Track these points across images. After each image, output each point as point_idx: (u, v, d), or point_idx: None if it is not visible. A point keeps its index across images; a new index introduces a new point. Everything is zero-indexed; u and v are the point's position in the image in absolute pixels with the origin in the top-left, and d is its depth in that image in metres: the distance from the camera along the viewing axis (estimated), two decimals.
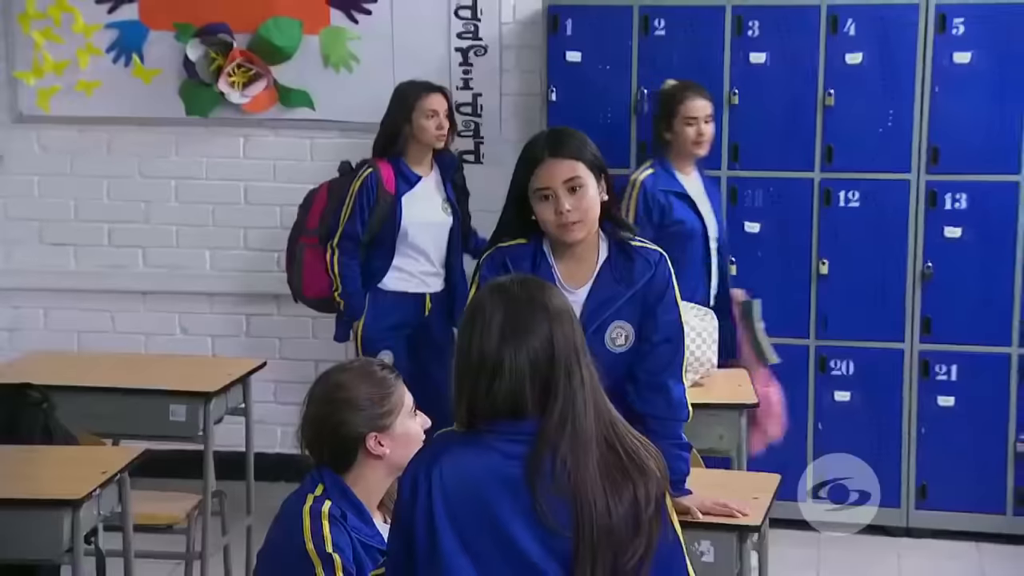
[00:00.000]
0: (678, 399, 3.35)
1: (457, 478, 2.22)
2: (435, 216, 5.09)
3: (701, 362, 4.33)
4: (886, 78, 5.24)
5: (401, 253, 5.07)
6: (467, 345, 2.28)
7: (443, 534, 2.20)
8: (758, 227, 5.40)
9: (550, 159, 3.19)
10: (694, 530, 3.26)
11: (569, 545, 2.18)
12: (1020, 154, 5.16)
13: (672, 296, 3.34)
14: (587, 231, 3.22)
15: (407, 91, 5.05)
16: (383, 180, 4.99)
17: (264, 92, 5.80)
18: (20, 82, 5.92)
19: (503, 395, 2.23)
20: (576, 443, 2.21)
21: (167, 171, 6.01)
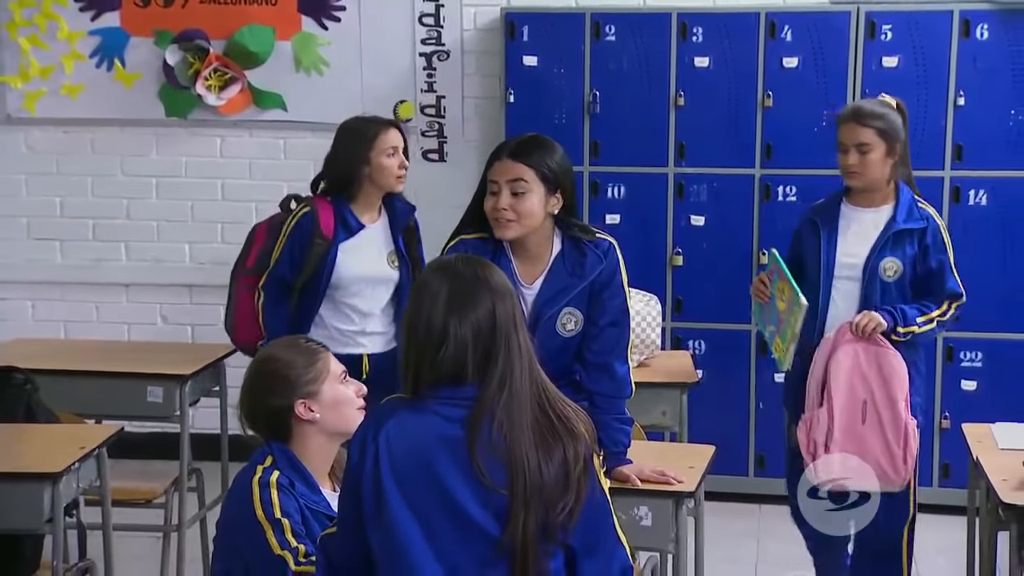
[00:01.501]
0: (622, 377, 3.40)
1: (402, 440, 2.25)
2: (377, 270, 4.11)
3: (646, 344, 4.38)
4: (820, 81, 5.29)
5: (332, 308, 4.10)
6: (415, 317, 2.31)
7: (389, 493, 2.23)
8: (703, 220, 5.44)
9: (507, 159, 3.24)
10: (634, 496, 3.31)
11: (505, 501, 2.21)
12: (945, 150, 5.23)
13: (619, 282, 3.38)
14: (518, 233, 3.26)
15: (363, 127, 4.12)
16: (320, 223, 4.04)
17: (239, 95, 5.79)
18: (7, 86, 5.88)
19: (447, 363, 2.26)
20: (512, 407, 2.25)
21: (148, 169, 5.98)
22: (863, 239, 3.96)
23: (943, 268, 3.96)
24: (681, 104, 5.36)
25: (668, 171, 5.43)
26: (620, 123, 5.41)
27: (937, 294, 3.95)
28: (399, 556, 2.23)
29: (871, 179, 3.95)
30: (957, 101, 5.20)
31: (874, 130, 3.91)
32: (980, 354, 5.29)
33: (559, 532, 2.26)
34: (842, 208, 4.04)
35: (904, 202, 3.97)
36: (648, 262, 5.41)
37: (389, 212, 4.18)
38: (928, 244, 3.94)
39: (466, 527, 2.23)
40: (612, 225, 5.36)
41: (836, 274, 3.97)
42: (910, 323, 3.90)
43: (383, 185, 4.11)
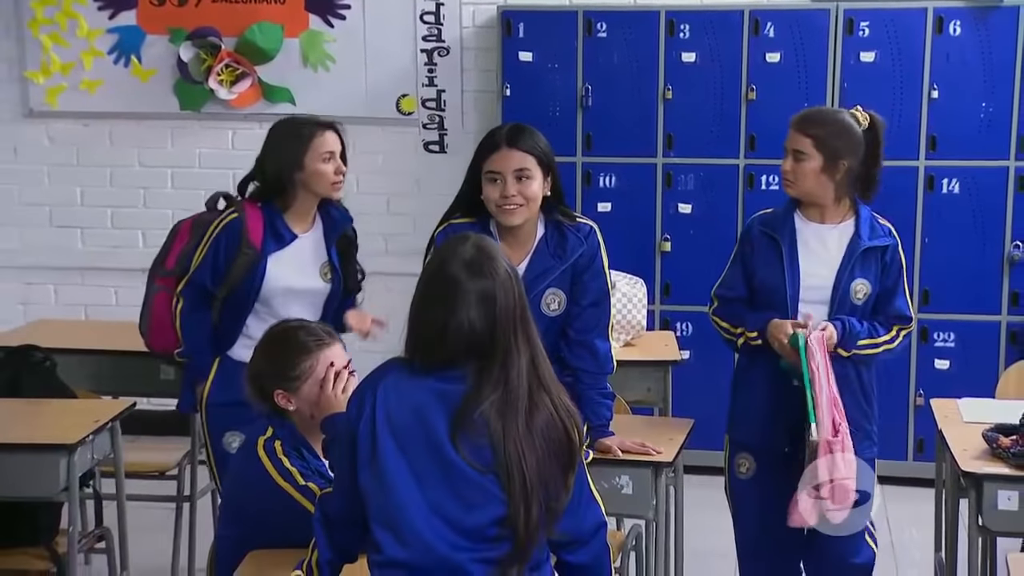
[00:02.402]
0: (604, 355, 3.43)
1: (398, 391, 2.30)
2: (308, 282, 3.66)
3: (632, 325, 4.40)
4: (802, 75, 5.31)
5: (256, 319, 3.61)
6: (419, 306, 2.33)
7: (382, 435, 2.27)
8: (690, 208, 5.47)
9: (506, 148, 3.25)
10: (615, 466, 3.37)
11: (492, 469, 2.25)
12: (920, 141, 5.26)
13: (600, 264, 3.41)
14: (525, 217, 3.28)
15: (297, 129, 3.65)
16: (249, 231, 3.56)
17: (250, 89, 5.81)
18: (30, 81, 5.93)
19: (447, 350, 2.28)
20: (508, 401, 2.26)
21: (163, 161, 6.00)
22: (826, 258, 3.47)
23: (896, 289, 3.51)
24: (669, 97, 5.39)
25: (657, 161, 5.46)
26: (611, 116, 5.44)
27: (886, 315, 3.49)
28: (389, 495, 2.27)
29: (803, 190, 3.45)
30: (931, 94, 5.22)
31: (812, 139, 3.41)
32: (952, 335, 5.32)
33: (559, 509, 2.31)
34: (796, 222, 3.51)
35: (865, 218, 3.50)
36: (637, 248, 5.44)
37: (324, 220, 3.70)
38: (887, 262, 3.49)
39: (453, 473, 2.26)
40: (604, 213, 5.39)
41: (802, 297, 3.46)
42: (849, 345, 3.42)
43: (318, 192, 3.63)
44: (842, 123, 3.45)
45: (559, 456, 2.29)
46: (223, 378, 3.59)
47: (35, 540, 3.66)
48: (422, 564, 2.27)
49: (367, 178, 5.88)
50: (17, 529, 3.64)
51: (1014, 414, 3.35)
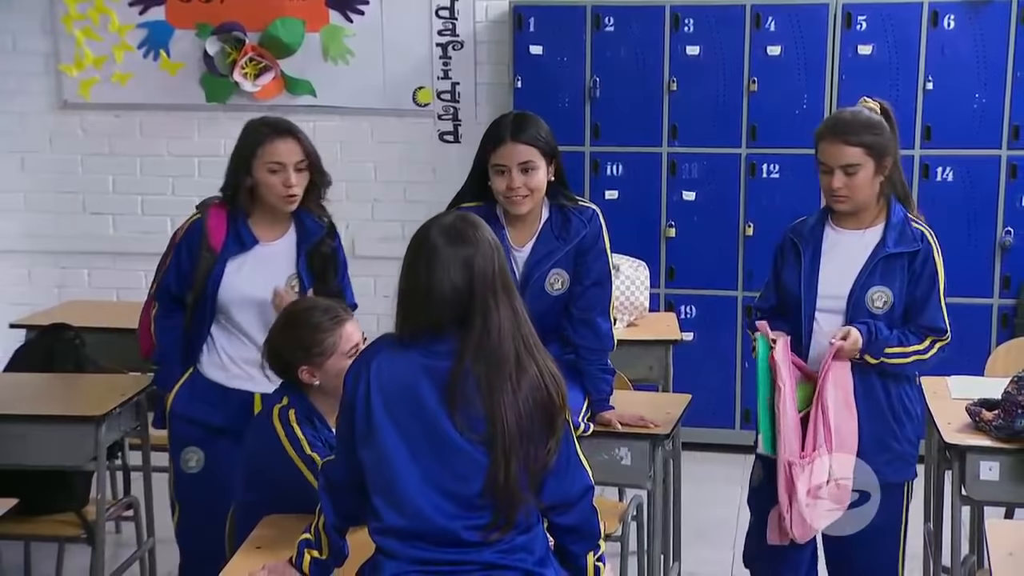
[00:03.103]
0: (605, 332, 3.45)
1: (390, 368, 2.32)
2: (266, 291, 3.32)
3: (635, 306, 4.44)
4: (802, 67, 5.32)
5: (223, 330, 3.38)
6: (405, 267, 2.34)
7: (376, 411, 2.30)
8: (694, 195, 5.49)
9: (511, 142, 3.25)
10: (615, 438, 3.39)
11: (481, 430, 2.27)
12: (915, 131, 5.26)
13: (602, 245, 3.42)
14: (531, 205, 3.29)
15: (253, 133, 3.32)
16: (209, 233, 3.31)
17: (273, 82, 5.86)
18: (64, 74, 5.99)
19: (431, 314, 2.30)
20: (491, 361, 2.28)
21: (190, 150, 6.05)
22: (849, 266, 3.21)
23: (929, 299, 3.21)
24: (674, 89, 5.41)
25: (662, 150, 5.48)
26: (618, 107, 5.46)
27: (918, 326, 3.21)
28: (385, 467, 2.32)
29: (860, 201, 3.19)
30: (926, 86, 5.23)
31: (862, 148, 3.15)
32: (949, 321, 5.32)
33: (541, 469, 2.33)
34: (826, 230, 3.28)
35: (895, 222, 3.21)
36: (643, 234, 5.47)
37: (298, 230, 3.39)
38: (917, 269, 3.19)
39: (444, 444, 2.29)
40: (611, 200, 5.43)
41: (818, 306, 3.23)
42: (876, 351, 3.15)
43: (268, 203, 3.31)
44: (876, 121, 3.22)
45: (542, 418, 2.31)
46: (190, 391, 3.37)
47: (67, 508, 3.70)
48: (418, 531, 2.31)
49: (385, 167, 5.94)
50: (51, 497, 3.68)
51: (999, 390, 3.36)
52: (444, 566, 2.32)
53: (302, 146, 3.29)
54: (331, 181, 3.42)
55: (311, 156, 3.31)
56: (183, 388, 3.38)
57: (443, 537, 2.31)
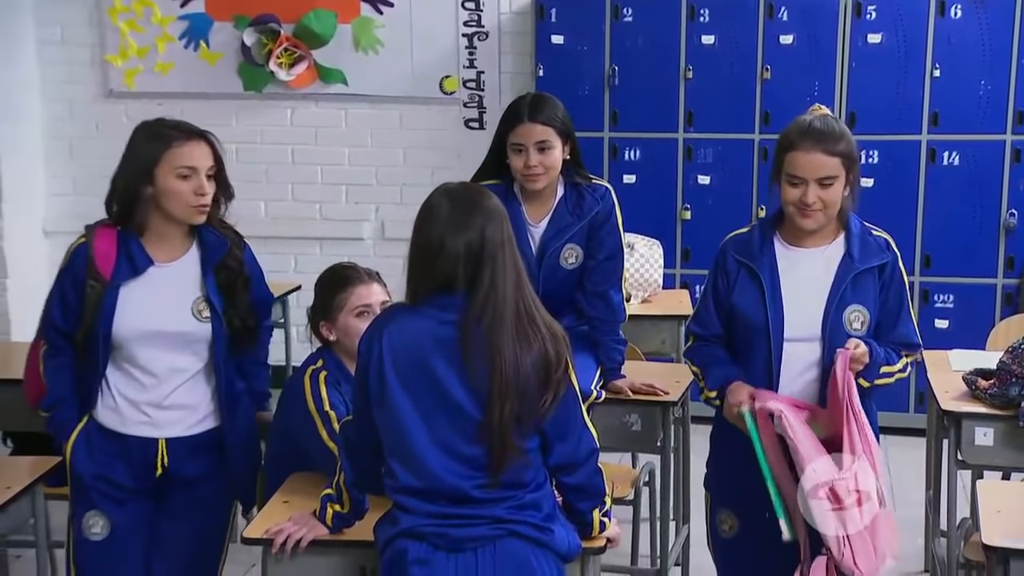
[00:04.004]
0: (617, 305, 3.48)
1: (401, 337, 2.36)
2: (171, 323, 2.79)
3: (649, 283, 4.46)
4: (813, 56, 5.30)
5: (121, 371, 2.81)
6: (416, 232, 2.37)
7: (389, 378, 2.34)
8: (708, 179, 5.49)
9: (528, 122, 3.27)
10: (626, 405, 3.43)
11: (486, 391, 2.31)
12: (922, 116, 5.25)
13: (614, 221, 3.45)
14: (546, 182, 3.32)
15: (154, 134, 2.78)
16: (96, 257, 2.75)
17: (306, 71, 5.87)
18: (110, 64, 6.03)
19: (441, 272, 2.33)
20: (496, 314, 2.31)
21: (228, 137, 5.82)
22: (814, 288, 2.76)
23: (901, 311, 2.81)
24: (690, 77, 5.41)
25: (678, 136, 5.48)
26: (636, 94, 5.46)
27: (892, 342, 2.79)
28: (398, 430, 2.36)
29: (830, 216, 2.75)
30: (933, 73, 5.20)
31: (840, 158, 2.70)
32: (951, 296, 5.32)
33: (535, 420, 2.36)
34: (777, 247, 2.80)
35: (856, 233, 2.79)
36: (660, 216, 5.48)
37: (201, 247, 2.84)
38: (886, 281, 2.79)
39: (453, 409, 2.33)
40: (629, 184, 5.44)
41: (787, 335, 2.75)
42: (872, 374, 2.74)
43: (173, 215, 2.77)
44: (844, 128, 2.80)
45: (540, 373, 2.33)
46: (86, 443, 2.82)
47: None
48: (431, 490, 2.35)
49: (413, 152, 5.97)
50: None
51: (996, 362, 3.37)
52: (456, 520, 2.36)
53: (214, 151, 2.80)
54: (234, 195, 2.90)
55: (221, 164, 2.83)
56: (80, 438, 2.82)
57: (454, 495, 2.36)
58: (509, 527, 2.36)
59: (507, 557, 2.35)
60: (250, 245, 4.96)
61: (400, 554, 2.37)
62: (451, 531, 2.35)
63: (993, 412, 3.20)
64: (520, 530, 2.36)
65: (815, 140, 2.71)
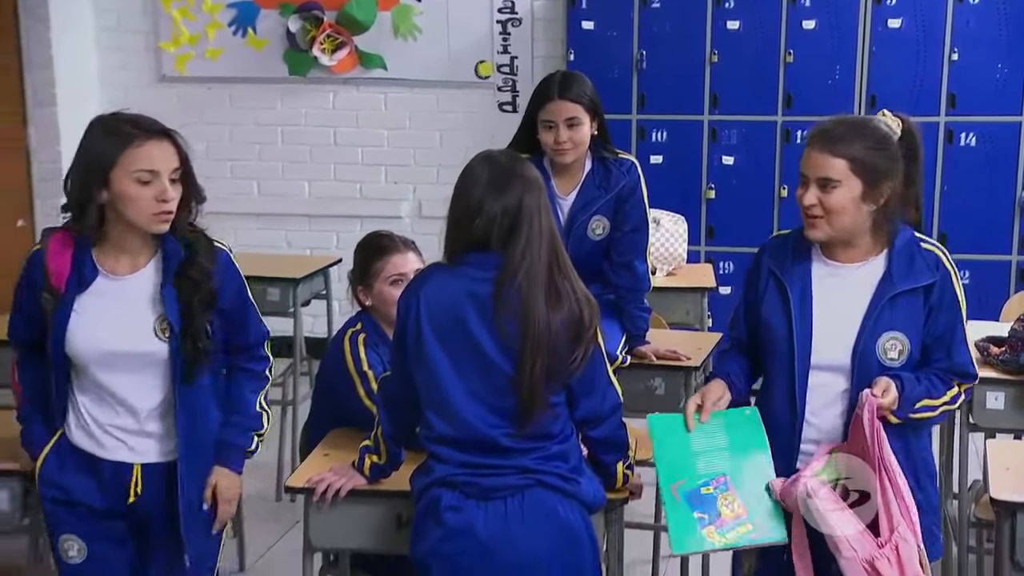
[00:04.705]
0: (642, 274, 3.49)
1: (437, 294, 2.38)
2: (131, 342, 2.41)
3: (674, 256, 4.45)
4: (834, 40, 5.27)
5: (85, 392, 2.47)
6: (456, 195, 2.40)
7: (426, 333, 2.37)
8: (732, 160, 5.48)
9: (558, 99, 3.29)
10: (650, 370, 3.43)
11: (517, 347, 2.33)
12: (940, 99, 5.21)
13: (639, 195, 3.45)
14: (575, 157, 3.33)
15: (113, 131, 2.37)
16: (49, 267, 2.40)
17: (348, 56, 5.88)
18: (163, 51, 6.08)
19: (478, 232, 2.35)
20: (529, 274, 2.34)
21: (274, 119, 6.11)
22: (848, 311, 2.40)
23: (953, 335, 2.42)
24: (715, 61, 5.39)
25: (703, 118, 5.47)
26: (663, 78, 5.46)
27: (943, 370, 2.41)
28: (433, 383, 2.39)
29: (839, 228, 2.38)
30: (952, 57, 5.17)
31: (847, 162, 2.34)
32: (967, 272, 5.24)
33: (564, 376, 2.38)
34: (813, 263, 2.45)
35: (901, 247, 2.40)
36: (685, 195, 5.47)
37: (163, 257, 2.45)
38: (935, 302, 2.39)
39: (486, 364, 2.36)
40: (656, 165, 5.42)
41: (814, 363, 2.40)
42: (905, 411, 2.36)
43: (133, 222, 2.37)
44: (882, 134, 2.40)
45: (570, 331, 2.35)
46: (57, 460, 2.51)
47: None
48: (464, 439, 2.38)
49: (449, 135, 5.99)
50: None
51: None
52: (486, 469, 2.39)
53: (178, 151, 2.41)
54: (206, 197, 2.52)
55: (187, 164, 2.43)
56: (50, 457, 2.52)
57: (485, 444, 2.38)
58: (537, 477, 2.39)
59: (535, 505, 2.38)
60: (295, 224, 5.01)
61: (434, 501, 2.40)
62: (481, 480, 2.38)
63: (1004, 377, 3.20)
64: (547, 480, 2.39)
65: (826, 135, 2.39)
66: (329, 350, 2.99)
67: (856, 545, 2.25)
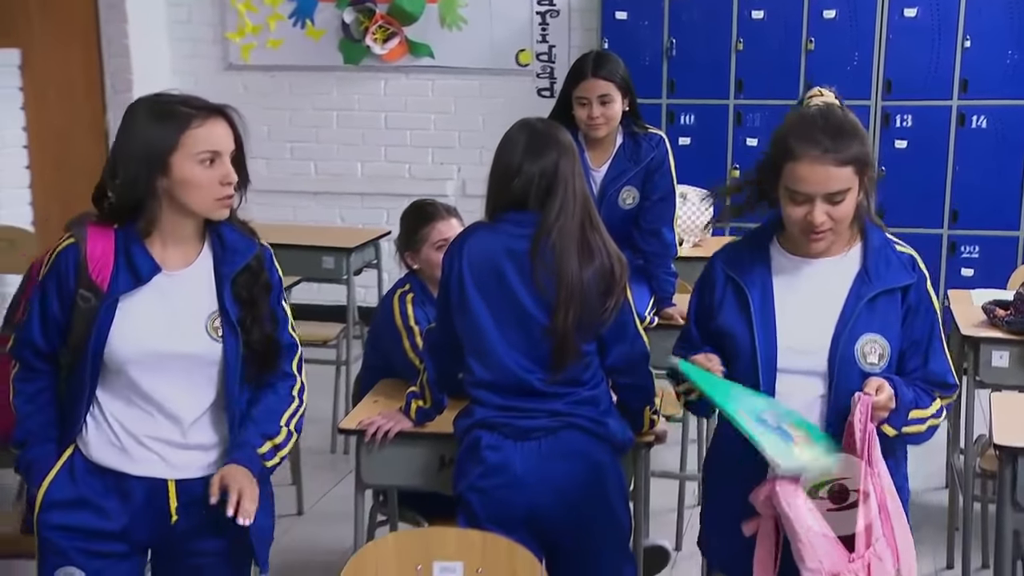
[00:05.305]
0: (669, 241, 3.51)
1: (478, 250, 2.41)
2: (184, 343, 2.06)
3: (699, 228, 4.44)
4: (853, 28, 5.22)
5: (117, 397, 2.07)
6: (497, 159, 2.43)
7: (468, 286, 2.40)
8: (756, 141, 5.42)
9: (592, 77, 3.30)
10: (676, 329, 3.32)
11: (552, 299, 2.36)
12: (953, 84, 5.15)
13: (667, 166, 3.47)
14: (607, 131, 3.35)
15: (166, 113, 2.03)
16: (90, 263, 2.03)
17: (398, 46, 5.89)
18: (229, 41, 6.12)
19: (516, 191, 2.38)
20: (563, 232, 2.36)
21: (330, 105, 6.14)
22: (819, 309, 2.08)
23: (931, 342, 2.11)
24: (740, 49, 5.36)
25: (729, 103, 5.44)
26: (692, 65, 5.43)
27: (920, 380, 2.10)
28: (475, 332, 2.42)
29: (841, 231, 2.08)
30: (964, 44, 5.10)
31: (852, 167, 2.03)
32: (977, 247, 5.24)
33: (596, 326, 2.40)
34: (774, 256, 2.13)
35: (876, 247, 2.11)
36: (712, 175, 5.23)
37: (215, 250, 2.11)
38: (912, 305, 2.09)
39: (522, 314, 2.38)
40: (684, 146, 5.38)
41: (781, 366, 2.07)
42: (900, 420, 2.06)
43: (193, 210, 2.05)
44: (854, 122, 2.10)
45: (601, 284, 2.37)
46: (70, 482, 2.07)
47: None
48: (502, 383, 2.41)
49: (491, 118, 5.98)
50: None
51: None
52: (521, 412, 2.41)
53: (234, 130, 2.07)
54: (251, 182, 2.14)
55: (241, 145, 2.08)
56: (60, 477, 2.07)
57: (521, 388, 2.41)
58: (568, 419, 2.41)
59: (566, 445, 2.40)
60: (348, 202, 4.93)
61: (475, 441, 2.43)
62: (517, 422, 2.40)
63: (1009, 337, 3.19)
64: (578, 422, 2.41)
65: (822, 149, 2.00)
66: (380, 307, 3.04)
67: (823, 555, 1.94)
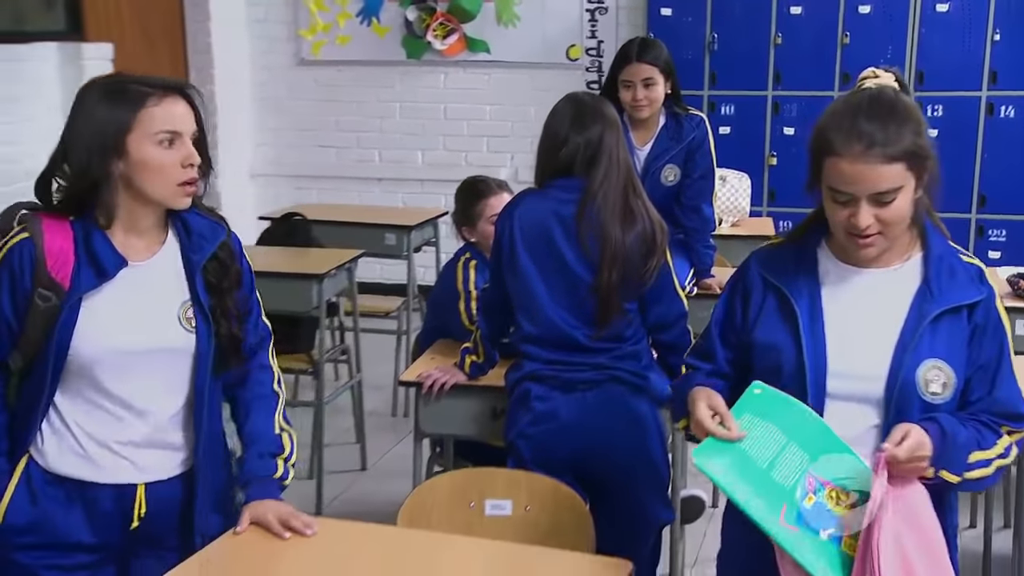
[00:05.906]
0: (708, 216, 3.49)
1: (528, 214, 2.43)
2: (156, 337, 1.79)
3: (738, 209, 4.41)
4: (887, 23, 5.14)
5: (78, 400, 1.78)
6: (546, 131, 2.44)
7: (518, 248, 2.42)
8: (793, 131, 5.38)
9: (636, 62, 3.30)
10: (714, 299, 3.35)
11: (596, 259, 2.37)
12: (983, 75, 5.05)
13: (707, 146, 3.44)
14: (650, 113, 3.34)
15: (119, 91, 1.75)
16: (48, 259, 1.73)
17: (457, 41, 5.91)
18: (302, 38, 6.17)
19: (564, 159, 2.40)
20: (607, 197, 2.38)
21: (394, 97, 6.18)
22: (875, 327, 1.67)
23: (1000, 367, 1.68)
24: (779, 43, 5.31)
25: (767, 94, 5.39)
26: (732, 58, 5.38)
27: (985, 411, 1.67)
28: (524, 290, 2.44)
29: (895, 236, 1.66)
30: (994, 37, 5.00)
31: (904, 163, 1.61)
32: (1004, 231, 5.14)
33: (637, 285, 2.41)
34: (822, 262, 1.73)
35: (938, 257, 1.69)
36: (750, 162, 5.35)
37: (181, 237, 1.85)
38: (980, 324, 1.67)
39: (569, 274, 2.40)
40: (724, 135, 5.35)
41: (831, 391, 1.66)
42: (956, 464, 1.61)
43: (152, 196, 1.78)
44: (910, 108, 1.65)
45: (642, 247, 2.38)
46: (27, 500, 1.79)
47: (300, 350, 3.88)
48: (549, 338, 2.43)
49: (542, 110, 5.73)
50: (290, 342, 3.77)
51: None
52: (568, 365, 2.43)
53: (195, 111, 1.80)
54: (213, 167, 1.85)
55: (202, 126, 1.82)
56: (17, 498, 1.79)
57: (567, 342, 2.42)
58: (611, 372, 2.42)
59: (609, 396, 2.42)
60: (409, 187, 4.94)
61: (525, 392, 2.45)
62: (564, 374, 2.42)
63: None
64: (620, 375, 2.42)
65: (867, 143, 1.59)
66: (443, 271, 3.08)
67: None
